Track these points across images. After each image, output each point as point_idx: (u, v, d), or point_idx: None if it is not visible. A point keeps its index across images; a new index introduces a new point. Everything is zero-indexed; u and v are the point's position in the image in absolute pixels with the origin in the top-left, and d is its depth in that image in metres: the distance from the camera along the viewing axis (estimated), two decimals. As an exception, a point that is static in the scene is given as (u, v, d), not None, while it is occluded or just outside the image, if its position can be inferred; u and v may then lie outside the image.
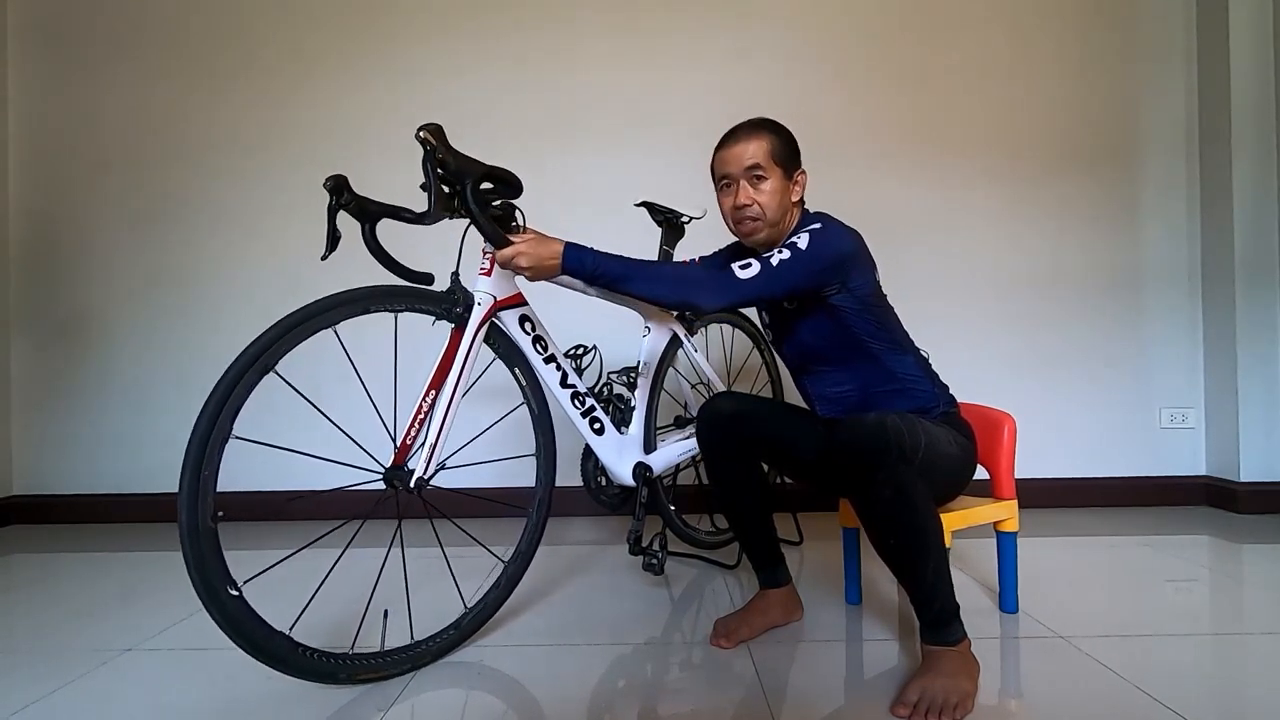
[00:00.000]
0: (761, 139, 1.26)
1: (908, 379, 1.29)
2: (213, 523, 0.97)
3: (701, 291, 1.17)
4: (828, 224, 1.24)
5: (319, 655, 1.07)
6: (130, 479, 2.42)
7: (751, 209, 1.26)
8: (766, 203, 1.26)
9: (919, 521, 1.05)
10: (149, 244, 2.44)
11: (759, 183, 1.26)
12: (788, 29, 2.43)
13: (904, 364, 1.29)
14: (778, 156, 1.26)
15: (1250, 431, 2.29)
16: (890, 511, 1.04)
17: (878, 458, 1.03)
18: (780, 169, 1.26)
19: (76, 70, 2.44)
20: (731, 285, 1.16)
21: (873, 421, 1.05)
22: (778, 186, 1.26)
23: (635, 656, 1.25)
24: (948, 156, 2.43)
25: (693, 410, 1.86)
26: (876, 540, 1.08)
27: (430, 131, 1.11)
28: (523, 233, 1.22)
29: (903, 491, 1.03)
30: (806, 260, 1.18)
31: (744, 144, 1.26)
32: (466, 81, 2.43)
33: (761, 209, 1.26)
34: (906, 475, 1.04)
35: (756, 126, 1.28)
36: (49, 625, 1.43)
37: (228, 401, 0.98)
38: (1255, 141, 2.29)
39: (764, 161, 1.25)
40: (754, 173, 1.25)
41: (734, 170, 1.27)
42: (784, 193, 1.27)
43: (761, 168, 1.25)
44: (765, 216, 1.26)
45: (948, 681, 1.03)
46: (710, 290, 1.17)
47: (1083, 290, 2.44)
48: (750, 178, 1.26)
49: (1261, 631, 1.30)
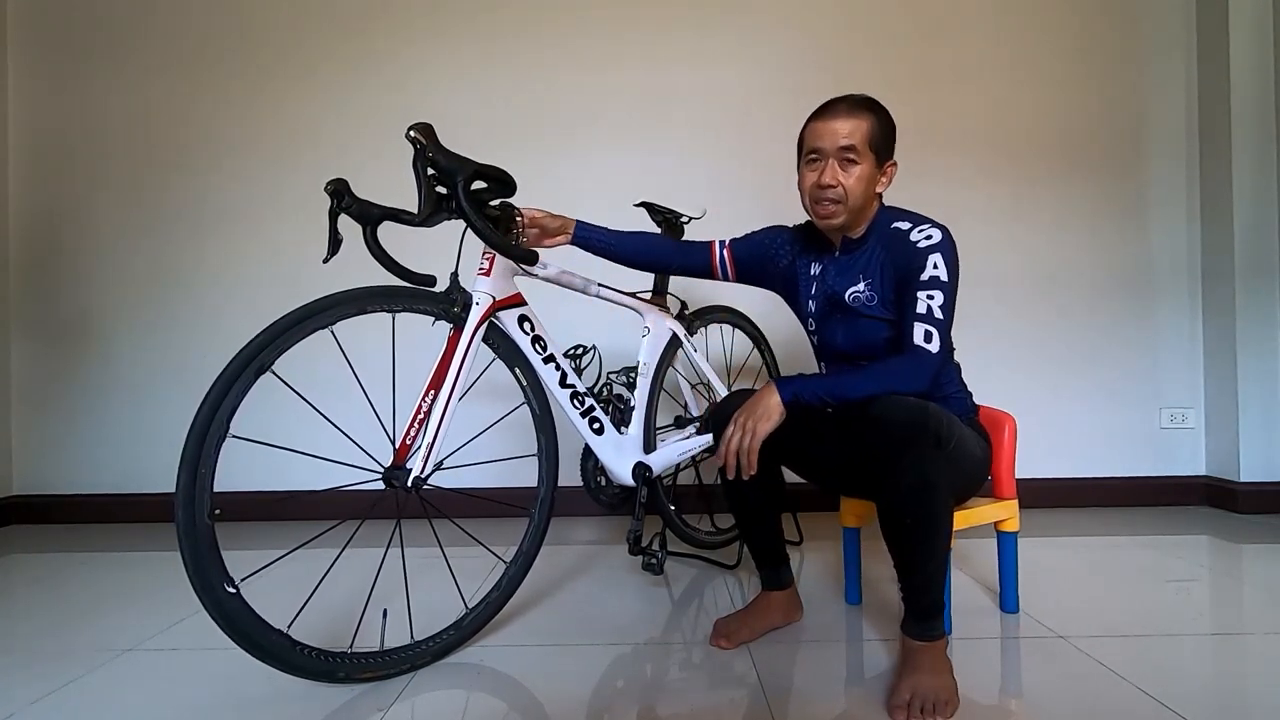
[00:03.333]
0: (862, 119, 1.18)
1: (949, 386, 1.28)
2: (210, 520, 0.97)
3: (906, 379, 1.12)
4: (946, 236, 1.18)
5: (317, 654, 1.07)
6: (130, 479, 2.42)
7: (835, 191, 1.18)
8: (852, 188, 1.18)
9: (938, 509, 1.05)
10: (149, 244, 2.44)
11: (849, 165, 1.18)
12: (788, 29, 2.43)
13: (948, 372, 1.29)
14: (874, 141, 1.18)
15: (1250, 431, 2.29)
16: (913, 492, 1.03)
17: (914, 436, 1.03)
18: (874, 155, 1.19)
19: (76, 70, 2.45)
20: (929, 361, 1.12)
21: (915, 403, 1.06)
22: (867, 173, 1.19)
23: (635, 656, 1.24)
24: (947, 156, 2.43)
25: (693, 410, 1.86)
26: (891, 519, 1.07)
27: (420, 131, 1.11)
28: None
29: (930, 476, 1.03)
30: (954, 288, 1.15)
31: (843, 120, 1.18)
32: (467, 82, 2.43)
33: (845, 193, 1.18)
34: (936, 461, 1.04)
35: (859, 105, 1.19)
36: (49, 625, 1.43)
37: (224, 401, 0.98)
38: (1255, 141, 2.29)
39: (860, 144, 1.17)
40: (847, 154, 1.17)
41: (826, 145, 1.18)
42: (872, 180, 1.20)
43: (856, 150, 1.17)
44: (847, 201, 1.19)
45: (935, 679, 1.04)
46: (912, 375, 1.12)
47: (1083, 290, 2.44)
48: (842, 158, 1.18)
49: (1261, 631, 1.30)
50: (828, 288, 1.29)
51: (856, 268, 1.25)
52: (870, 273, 1.23)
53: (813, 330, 1.36)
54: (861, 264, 1.25)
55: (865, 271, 1.24)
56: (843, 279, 1.27)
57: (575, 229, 1.39)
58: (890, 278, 1.21)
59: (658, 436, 1.68)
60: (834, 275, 1.29)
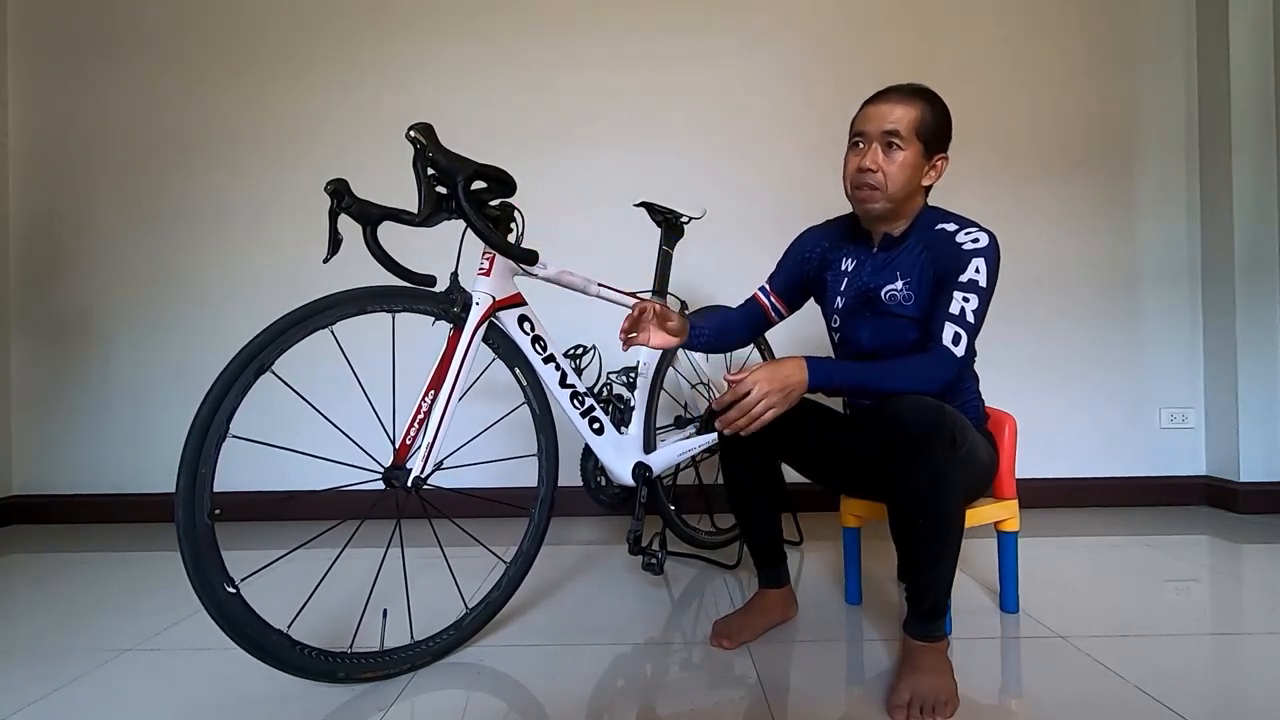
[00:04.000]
0: (911, 106, 1.16)
1: (967, 393, 1.28)
2: (210, 520, 0.97)
3: (932, 378, 1.09)
4: (993, 242, 1.15)
5: (317, 653, 1.07)
6: (130, 479, 2.42)
7: (874, 176, 1.16)
8: (894, 175, 1.16)
9: (950, 510, 1.05)
10: (149, 244, 2.44)
11: (892, 151, 1.16)
12: (789, 29, 2.43)
13: (966, 378, 1.28)
14: (922, 130, 1.16)
15: (1250, 431, 2.29)
16: (928, 492, 1.03)
17: (930, 437, 1.02)
18: (920, 144, 1.16)
19: (76, 70, 2.44)
20: (953, 363, 1.10)
21: (932, 403, 1.04)
22: (911, 161, 1.16)
23: (635, 656, 1.24)
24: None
25: (693, 410, 1.86)
26: (902, 520, 1.06)
27: (420, 131, 1.11)
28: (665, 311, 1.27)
29: (944, 477, 1.03)
30: (990, 296, 1.13)
31: (891, 105, 1.16)
32: (467, 81, 2.43)
33: (885, 180, 1.16)
34: (951, 461, 1.03)
35: (911, 93, 1.18)
36: (49, 625, 1.43)
37: (224, 401, 0.98)
38: (1255, 141, 2.29)
39: (905, 130, 1.15)
40: (891, 138, 1.15)
41: (871, 129, 1.17)
42: (916, 170, 1.17)
43: (901, 136, 1.15)
44: (886, 189, 1.16)
45: (935, 680, 1.04)
46: (936, 375, 1.10)
47: (1082, 290, 2.44)
48: (885, 142, 1.16)
49: (1261, 631, 1.30)
50: (862, 284, 1.27)
51: (895, 265, 1.23)
52: (910, 272, 1.21)
53: (835, 326, 1.33)
54: (902, 262, 1.22)
55: (904, 270, 1.21)
56: (880, 276, 1.24)
57: (690, 334, 1.37)
58: (930, 279, 1.18)
59: (658, 436, 1.68)
60: (870, 272, 1.26)
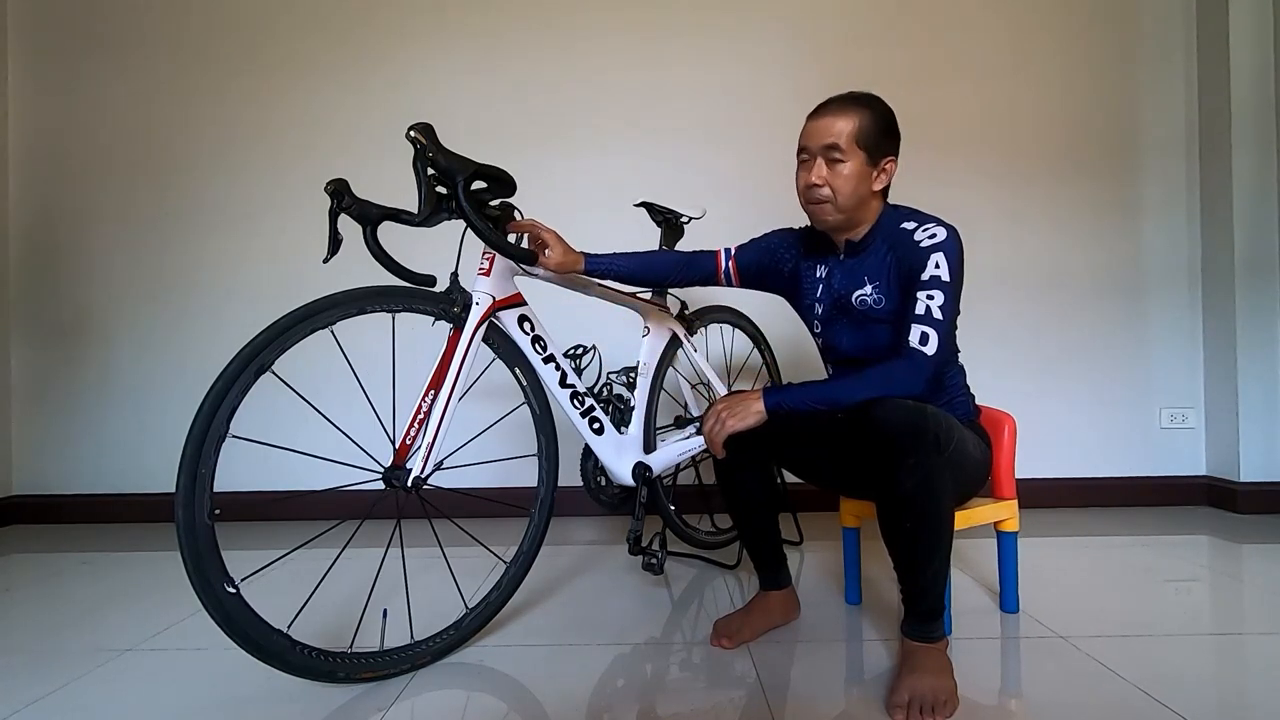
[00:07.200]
0: (849, 117, 1.16)
1: (954, 389, 1.28)
2: (210, 520, 0.97)
3: (900, 382, 1.10)
4: (951, 235, 1.16)
5: (317, 653, 1.07)
6: (130, 479, 2.42)
7: (821, 190, 1.18)
8: (839, 187, 1.17)
9: (938, 512, 1.05)
10: (149, 244, 2.44)
11: (835, 164, 1.17)
12: (788, 29, 2.43)
13: (951, 373, 1.28)
14: (863, 139, 1.16)
15: (1250, 431, 2.29)
16: (914, 496, 1.03)
17: (914, 440, 1.02)
18: (863, 153, 1.16)
19: (76, 71, 2.45)
20: (924, 363, 1.10)
21: (914, 406, 1.05)
22: (855, 171, 1.17)
23: (635, 656, 1.25)
24: (947, 157, 2.42)
25: (693, 410, 1.86)
26: (891, 524, 1.07)
27: (420, 130, 1.11)
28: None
29: (930, 479, 1.03)
30: (956, 289, 1.14)
31: (829, 119, 1.17)
32: (467, 81, 2.43)
33: (833, 192, 1.17)
34: (936, 464, 1.03)
35: (848, 102, 1.18)
36: (49, 625, 1.43)
37: (224, 401, 0.98)
38: (1255, 141, 2.29)
39: (845, 143, 1.15)
40: (832, 153, 1.16)
41: (812, 145, 1.18)
42: (862, 179, 1.18)
43: (841, 149, 1.15)
44: (835, 200, 1.18)
45: (934, 680, 1.04)
46: (907, 378, 1.10)
47: (1082, 290, 2.44)
48: (828, 156, 1.17)
49: (1261, 631, 1.30)
50: (834, 291, 1.28)
51: (863, 270, 1.24)
52: (877, 275, 1.22)
53: (818, 333, 1.35)
54: (868, 266, 1.23)
55: (872, 274, 1.23)
56: (849, 282, 1.25)
57: (586, 263, 1.36)
58: (898, 279, 1.19)
59: (658, 436, 1.68)
60: (840, 278, 1.27)
